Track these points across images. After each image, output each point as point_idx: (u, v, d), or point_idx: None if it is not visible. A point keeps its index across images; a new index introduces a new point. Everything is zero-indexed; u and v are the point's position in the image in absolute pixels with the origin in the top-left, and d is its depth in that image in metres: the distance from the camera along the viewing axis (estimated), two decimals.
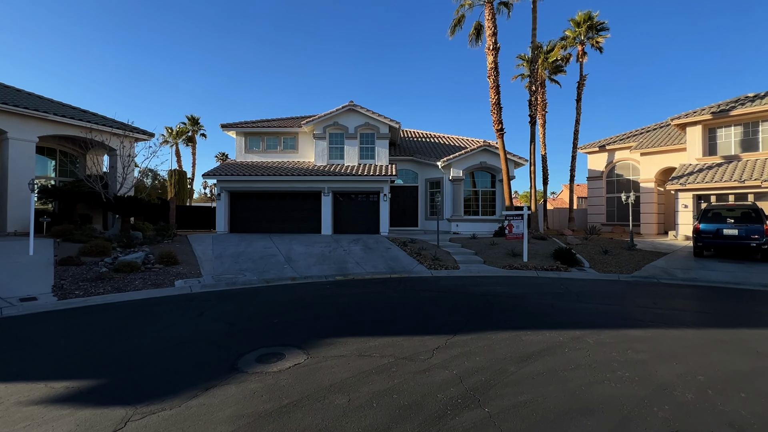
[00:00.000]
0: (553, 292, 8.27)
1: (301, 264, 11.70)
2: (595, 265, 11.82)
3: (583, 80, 24.41)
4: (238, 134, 20.72)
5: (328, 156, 19.74)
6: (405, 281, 9.64)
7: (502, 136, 16.99)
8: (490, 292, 8.21)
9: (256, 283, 9.43)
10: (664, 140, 21.50)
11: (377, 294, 8.08)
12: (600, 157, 25.14)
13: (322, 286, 9.12)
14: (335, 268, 11.18)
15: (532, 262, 11.76)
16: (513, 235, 12.02)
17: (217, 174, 18.07)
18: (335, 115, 19.43)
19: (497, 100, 16.82)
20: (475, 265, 11.87)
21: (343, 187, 18.07)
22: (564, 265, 11.45)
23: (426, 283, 9.42)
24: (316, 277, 10.25)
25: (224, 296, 7.91)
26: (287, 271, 10.86)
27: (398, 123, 19.32)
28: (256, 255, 12.74)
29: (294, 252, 13.24)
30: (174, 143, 37.71)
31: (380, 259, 12.32)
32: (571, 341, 4.92)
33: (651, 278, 10.24)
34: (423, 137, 25.06)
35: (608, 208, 24.82)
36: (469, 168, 19.07)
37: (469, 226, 18.77)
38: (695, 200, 17.04)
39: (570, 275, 10.68)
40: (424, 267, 11.39)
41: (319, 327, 5.62)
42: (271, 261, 11.99)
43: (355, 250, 13.68)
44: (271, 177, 17.62)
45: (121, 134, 15.18)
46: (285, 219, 18.57)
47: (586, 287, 8.92)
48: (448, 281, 9.62)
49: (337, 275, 10.43)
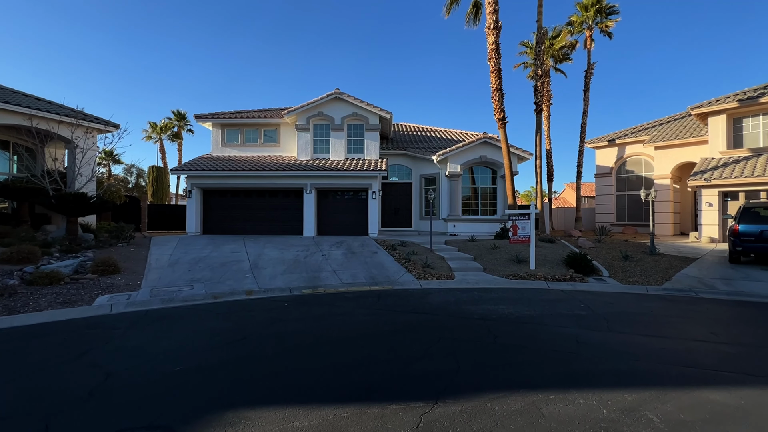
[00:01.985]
0: (573, 313, 6.44)
1: (267, 273, 9.87)
2: (615, 273, 9.98)
3: (591, 69, 22.51)
4: (215, 126, 18.87)
5: (312, 149, 17.89)
6: (386, 296, 7.81)
7: (504, 126, 15.13)
8: (491, 313, 6.38)
9: (201, 298, 7.60)
10: (680, 133, 19.65)
11: (345, 317, 6.25)
12: (609, 152, 23.28)
13: (281, 303, 7.29)
14: (306, 278, 9.35)
15: (541, 271, 9.93)
16: (518, 238, 10.18)
17: (187, 169, 16.25)
18: (320, 104, 17.58)
19: (499, 85, 14.96)
20: (473, 273, 10.04)
21: (327, 184, 16.23)
22: (579, 275, 9.62)
23: (411, 299, 7.59)
24: (279, 290, 8.42)
25: (146, 320, 6.08)
26: (247, 282, 9.03)
27: (389, 113, 17.47)
28: (219, 261, 10.92)
29: (264, 257, 11.41)
30: (158, 139, 35.84)
31: (362, 267, 10.49)
32: (623, 416, 3.09)
33: (687, 291, 8.39)
34: (417, 131, 23.15)
35: (618, 207, 22.96)
36: (467, 163, 17.23)
37: (467, 226, 16.94)
38: (721, 197, 15.20)
39: (588, 287, 8.84)
40: (412, 276, 9.56)
41: (234, 382, 3.76)
42: (233, 269, 10.17)
43: (336, 254, 11.85)
44: (247, 172, 15.78)
45: (72, 123, 13.33)
46: (263, 219, 16.74)
47: (613, 306, 7.07)
48: (440, 296, 7.78)
49: (306, 287, 8.60)
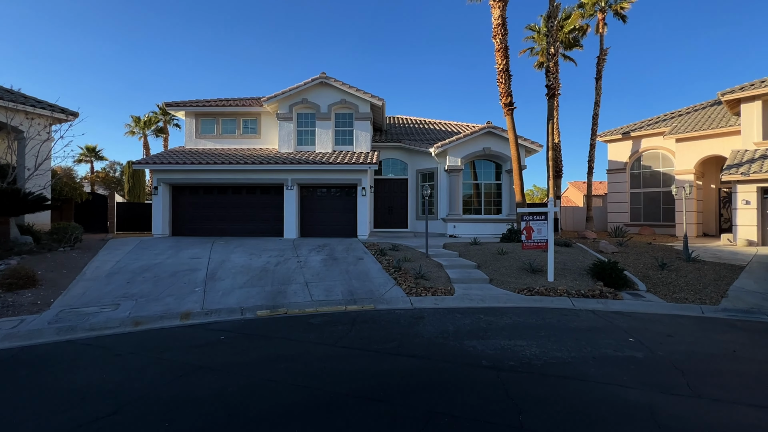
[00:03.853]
0: (624, 355, 4.52)
1: (222, 286, 7.98)
2: (654, 287, 8.06)
3: (603, 55, 20.58)
4: (188, 115, 16.95)
5: (295, 141, 15.97)
6: (363, 322, 5.90)
7: (511, 113, 13.20)
8: (506, 355, 4.47)
9: (116, 325, 5.70)
10: (704, 123, 17.71)
11: (294, 364, 4.33)
12: (623, 146, 21.33)
13: (217, 335, 5.38)
14: (267, 294, 7.45)
15: (562, 283, 8.02)
16: (533, 243, 8.26)
17: (151, 162, 14.33)
18: (303, 89, 15.65)
19: (505, 65, 13.02)
20: (477, 286, 8.13)
21: (310, 179, 14.32)
22: (609, 288, 7.71)
23: (396, 327, 5.68)
24: (228, 311, 6.52)
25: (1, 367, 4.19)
26: (190, 299, 7.13)
27: (381, 100, 15.55)
28: (170, 270, 9.03)
29: (227, 265, 9.52)
30: (142, 134, 33.91)
31: (342, 278, 8.59)
32: None
33: (757, 314, 6.49)
34: (414, 123, 21.18)
35: (632, 205, 21.02)
36: (469, 156, 15.32)
37: (469, 227, 15.03)
38: (760, 194, 13.28)
39: (625, 306, 6.93)
40: (401, 291, 7.66)
41: None
42: (183, 281, 8.27)
43: (314, 261, 9.95)
44: (219, 166, 13.86)
45: (11, 108, 11.45)
46: (240, 219, 14.83)
47: (674, 340, 5.15)
48: (434, 322, 5.87)
49: (264, 307, 6.70)
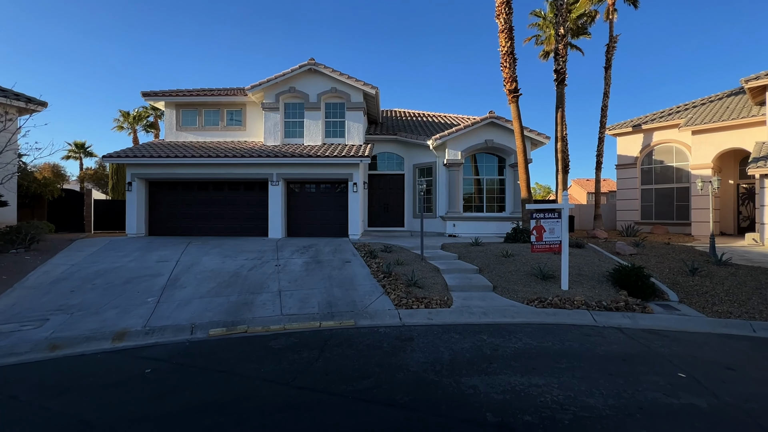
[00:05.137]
0: (679, 402, 3.33)
1: (181, 295, 6.82)
2: (687, 296, 6.85)
3: (613, 42, 19.30)
4: (168, 106, 15.77)
5: (282, 133, 14.78)
6: (336, 345, 4.74)
7: (516, 100, 11.99)
8: (518, 401, 3.29)
9: (26, 351, 4.56)
10: (723, 114, 16.47)
11: (226, 415, 3.14)
12: (633, 139, 20.11)
13: (146, 365, 4.22)
14: (230, 306, 6.29)
15: (579, 292, 6.83)
16: (544, 245, 7.07)
17: (123, 156, 13.16)
18: (291, 77, 14.44)
19: (510, 47, 11.80)
20: (479, 295, 6.96)
21: (297, 174, 13.14)
22: (635, 299, 6.52)
23: (377, 354, 4.51)
24: (175, 329, 5.37)
25: None
26: (136, 313, 5.97)
27: (375, 88, 14.34)
28: (126, 277, 7.88)
29: (195, 269, 8.37)
30: (131, 130, 32.76)
31: (322, 284, 7.42)
32: None
33: None
34: (412, 116, 19.94)
35: (643, 202, 19.80)
36: (470, 149, 14.12)
37: (470, 226, 13.85)
38: None
39: (658, 322, 5.74)
40: (389, 302, 6.48)
41: None
42: (137, 289, 7.12)
43: (295, 265, 8.79)
44: (196, 159, 12.68)
45: None
46: (222, 217, 13.67)
47: (736, 375, 3.95)
48: (425, 347, 4.69)
49: (221, 324, 5.54)
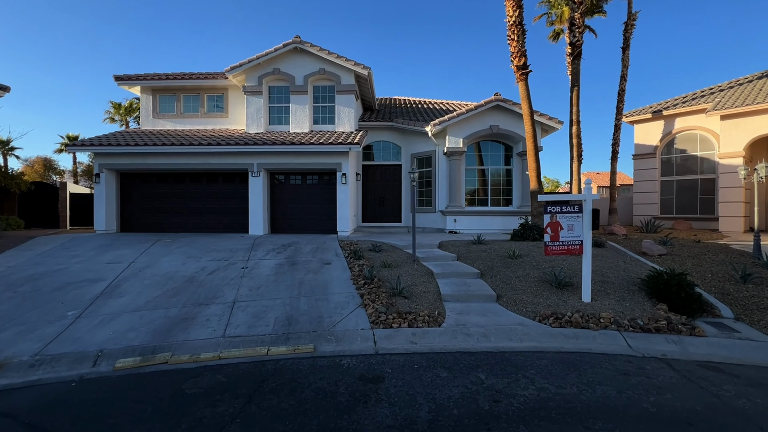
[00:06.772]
0: None
1: (113, 306, 5.56)
2: (745, 311, 5.40)
3: (632, 20, 17.55)
4: (144, 91, 14.48)
5: (266, 120, 13.43)
6: (274, 390, 3.39)
7: (525, 78, 10.49)
8: None
9: None
10: (757, 97, 14.78)
11: None
12: (653, 126, 18.41)
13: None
14: (165, 323, 5.00)
15: (605, 306, 5.43)
16: (560, 246, 5.65)
17: (88, 144, 11.92)
18: (275, 56, 13.05)
19: (518, 17, 10.29)
20: (478, 308, 5.58)
21: (280, 164, 11.81)
22: (678, 316, 5.11)
23: (327, 405, 3.15)
24: (75, 358, 4.11)
25: None
26: (43, 332, 4.71)
27: (368, 68, 12.90)
28: (61, 282, 6.65)
29: (146, 273, 7.11)
30: (123, 122, 31.68)
31: (288, 293, 6.10)
32: None
33: None
34: (410, 103, 18.41)
35: (664, 195, 18.16)
36: (473, 136, 12.66)
37: (472, 221, 12.45)
38: None
39: (716, 351, 4.33)
40: (365, 317, 5.14)
41: None
42: (63, 298, 5.88)
43: (265, 267, 7.48)
44: (170, 148, 11.38)
45: None
46: (199, 212, 12.42)
47: None
48: (397, 396, 3.32)
49: (138, 351, 4.25)
